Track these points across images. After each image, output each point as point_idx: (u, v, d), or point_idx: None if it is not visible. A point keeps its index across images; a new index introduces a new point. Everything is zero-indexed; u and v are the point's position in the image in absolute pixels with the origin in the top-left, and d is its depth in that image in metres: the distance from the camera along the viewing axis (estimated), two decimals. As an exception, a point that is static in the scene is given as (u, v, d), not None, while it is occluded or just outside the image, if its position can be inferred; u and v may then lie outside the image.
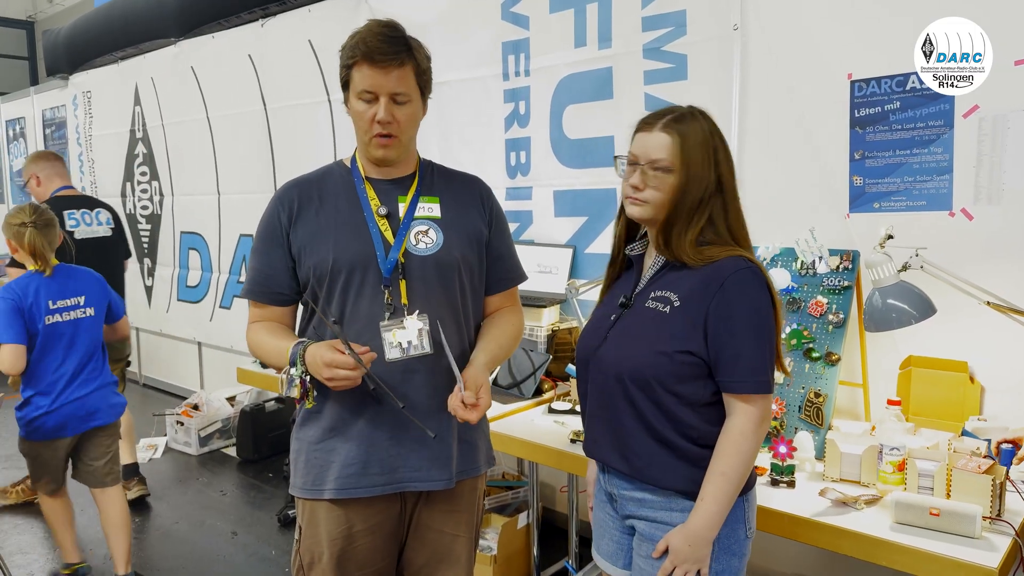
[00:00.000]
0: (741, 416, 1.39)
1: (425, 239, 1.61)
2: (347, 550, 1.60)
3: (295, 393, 1.52)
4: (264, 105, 4.60)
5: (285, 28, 4.35)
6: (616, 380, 1.46)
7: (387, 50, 1.49)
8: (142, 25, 5.26)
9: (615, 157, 1.53)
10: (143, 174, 5.79)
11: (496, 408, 2.53)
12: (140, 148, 5.77)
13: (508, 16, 3.21)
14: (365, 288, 1.57)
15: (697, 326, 1.39)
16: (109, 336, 2.98)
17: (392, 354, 1.55)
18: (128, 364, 3.97)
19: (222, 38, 4.79)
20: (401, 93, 1.52)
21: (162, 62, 5.30)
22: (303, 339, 1.56)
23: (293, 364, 1.51)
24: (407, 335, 1.55)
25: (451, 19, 3.39)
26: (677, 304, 1.42)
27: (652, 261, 1.53)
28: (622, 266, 1.63)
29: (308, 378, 1.51)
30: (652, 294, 1.48)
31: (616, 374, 1.46)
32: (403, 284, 1.58)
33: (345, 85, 1.57)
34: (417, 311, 1.57)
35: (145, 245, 5.93)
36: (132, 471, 3.89)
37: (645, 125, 1.47)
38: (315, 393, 1.56)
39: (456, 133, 3.48)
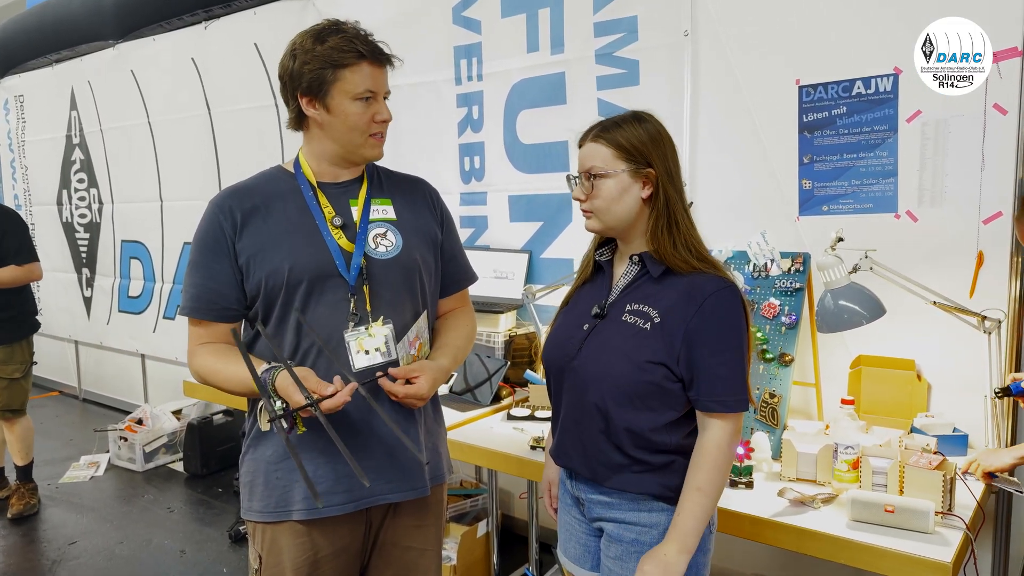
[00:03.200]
0: (718, 431, 1.38)
1: (384, 242, 1.58)
2: None
3: (285, 425, 1.37)
4: (208, 109, 4.48)
5: (229, 31, 4.24)
6: (593, 395, 1.44)
7: (382, 51, 1.53)
8: (78, 27, 5.06)
9: (567, 177, 1.54)
10: (80, 181, 5.58)
11: (454, 416, 2.50)
12: (77, 154, 5.56)
13: (460, 20, 3.18)
14: (325, 297, 1.51)
15: (675, 343, 1.38)
16: None
17: (360, 362, 1.49)
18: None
19: (163, 40, 4.65)
20: (388, 92, 1.57)
21: (100, 65, 5.12)
22: (270, 365, 1.42)
23: (268, 396, 1.38)
24: (374, 343, 1.50)
25: (402, 23, 3.34)
26: (658, 321, 1.40)
27: (624, 270, 1.51)
28: (589, 270, 1.61)
29: (288, 407, 1.37)
30: (628, 307, 1.45)
31: (595, 390, 1.44)
32: (366, 290, 1.53)
33: (321, 87, 1.48)
34: (382, 317, 1.52)
35: (84, 255, 5.71)
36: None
37: (579, 142, 1.50)
38: (301, 418, 1.42)
39: (409, 138, 3.44)
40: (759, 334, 2.20)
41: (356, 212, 1.57)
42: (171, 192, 4.87)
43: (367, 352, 1.49)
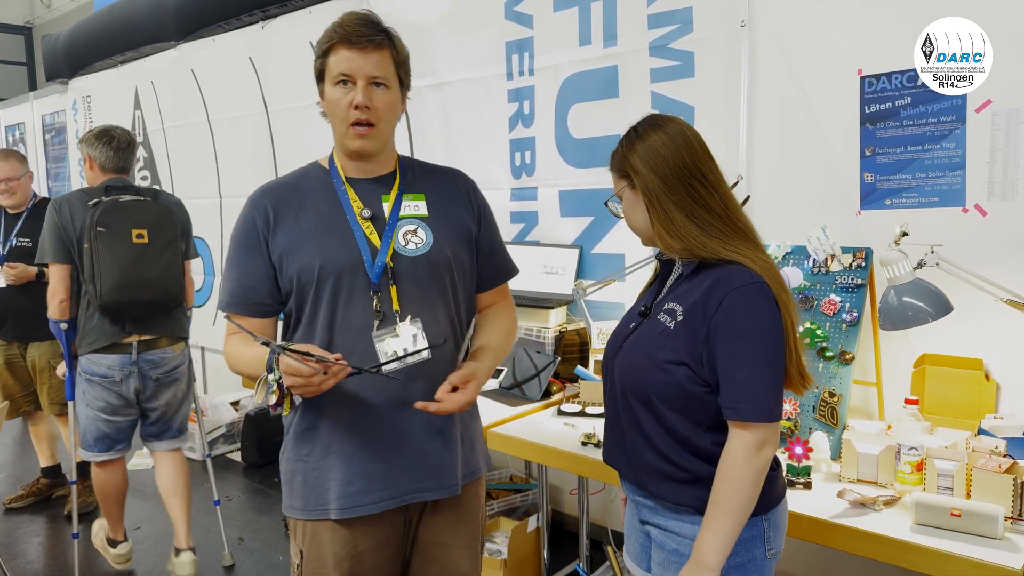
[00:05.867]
0: (735, 442, 1.32)
1: (414, 239, 1.55)
2: (355, 569, 1.54)
3: (272, 400, 1.38)
4: (265, 107, 4.57)
5: (286, 30, 4.32)
6: (622, 393, 1.43)
7: (365, 32, 1.45)
8: (142, 28, 5.23)
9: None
10: (144, 178, 5.76)
11: (504, 410, 2.51)
12: (140, 152, 5.74)
13: (511, 15, 3.18)
14: (355, 294, 1.50)
15: (697, 343, 1.34)
16: None
17: (389, 365, 1.45)
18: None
19: (222, 40, 4.76)
20: (379, 77, 1.47)
21: (162, 65, 5.28)
22: (281, 343, 1.43)
23: (270, 370, 1.38)
24: (401, 343, 1.47)
25: (453, 19, 3.36)
26: (681, 319, 1.37)
27: (675, 268, 1.50)
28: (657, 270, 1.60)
29: (284, 383, 1.38)
30: (665, 305, 1.44)
31: (622, 387, 1.43)
32: (393, 289, 1.51)
33: (320, 76, 1.52)
34: (409, 316, 1.51)
35: (147, 249, 5.89)
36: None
37: None
38: (292, 400, 1.43)
39: (459, 133, 3.45)
40: (819, 331, 2.15)
41: (387, 208, 1.56)
42: (230, 189, 4.99)
43: (395, 353, 1.47)
